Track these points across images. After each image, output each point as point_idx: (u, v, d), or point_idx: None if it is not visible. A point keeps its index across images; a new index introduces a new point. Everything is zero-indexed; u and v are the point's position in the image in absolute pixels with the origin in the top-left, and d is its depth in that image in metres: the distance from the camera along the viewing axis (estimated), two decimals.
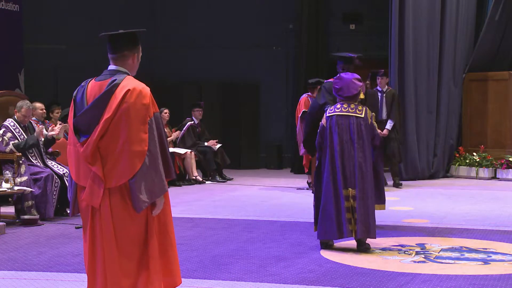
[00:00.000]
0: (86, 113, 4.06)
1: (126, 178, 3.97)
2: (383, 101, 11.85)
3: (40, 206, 8.53)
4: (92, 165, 4.01)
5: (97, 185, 4.03)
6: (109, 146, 4.00)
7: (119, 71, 4.15)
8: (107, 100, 4.00)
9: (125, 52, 4.17)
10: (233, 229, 8.08)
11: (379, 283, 5.64)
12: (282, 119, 15.80)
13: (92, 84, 4.15)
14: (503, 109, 13.44)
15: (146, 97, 4.02)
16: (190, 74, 15.88)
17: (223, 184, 12.81)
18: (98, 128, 3.99)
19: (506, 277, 5.84)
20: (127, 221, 4.05)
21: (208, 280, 5.76)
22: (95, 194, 4.04)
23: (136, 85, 4.04)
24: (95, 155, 4.01)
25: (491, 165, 12.98)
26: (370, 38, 15.27)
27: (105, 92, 4.03)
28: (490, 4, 13.46)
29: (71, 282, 5.71)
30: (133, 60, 4.20)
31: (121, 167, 3.97)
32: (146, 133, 3.99)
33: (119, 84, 4.03)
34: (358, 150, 6.70)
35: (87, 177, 4.06)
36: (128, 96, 3.98)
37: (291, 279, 5.79)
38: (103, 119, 3.98)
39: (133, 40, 4.21)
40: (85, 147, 4.03)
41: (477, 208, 9.56)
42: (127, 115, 3.97)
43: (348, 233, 6.68)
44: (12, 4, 13.51)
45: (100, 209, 4.05)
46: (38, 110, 9.91)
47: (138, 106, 3.99)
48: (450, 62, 13.45)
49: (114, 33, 4.18)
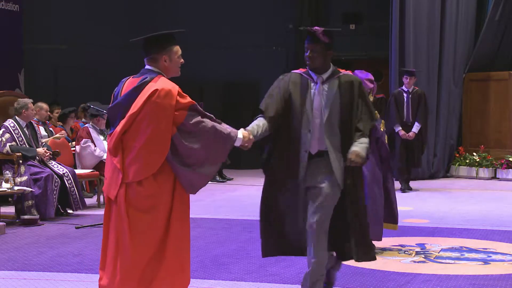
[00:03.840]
0: (115, 107, 4.19)
1: (143, 175, 4.06)
2: (409, 102, 11.21)
3: (40, 206, 8.52)
4: (114, 157, 4.11)
5: (115, 177, 4.12)
6: (132, 141, 4.09)
7: (151, 71, 4.24)
8: (135, 96, 4.10)
9: (153, 54, 4.27)
10: (233, 229, 8.08)
11: (379, 283, 5.64)
12: None
13: (130, 81, 4.26)
14: (503, 109, 13.44)
15: (174, 97, 4.07)
16: (190, 75, 15.80)
17: (223, 184, 12.81)
18: (123, 123, 4.08)
19: (506, 277, 5.84)
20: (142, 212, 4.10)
21: (208, 280, 5.76)
22: (113, 186, 4.13)
23: (165, 86, 4.11)
24: (118, 148, 4.11)
25: (491, 165, 12.98)
26: (370, 38, 15.26)
27: (134, 88, 4.13)
28: (490, 4, 13.46)
29: (71, 282, 5.71)
30: (164, 61, 4.26)
31: (139, 164, 4.06)
32: (169, 133, 4.05)
33: (148, 83, 4.13)
34: None
35: (109, 168, 4.18)
36: (155, 95, 4.05)
37: (291, 279, 5.79)
38: (128, 114, 4.07)
39: (159, 43, 4.28)
40: (110, 139, 4.16)
41: (477, 208, 9.56)
42: (153, 113, 4.04)
43: None
44: (12, 4, 13.51)
45: (117, 201, 4.11)
46: (43, 111, 9.92)
47: (165, 106, 4.05)
48: (450, 62, 13.45)
49: (143, 38, 4.30)
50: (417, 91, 11.32)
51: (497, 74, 13.59)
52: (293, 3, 15.53)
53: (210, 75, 15.77)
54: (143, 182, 4.08)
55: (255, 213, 9.30)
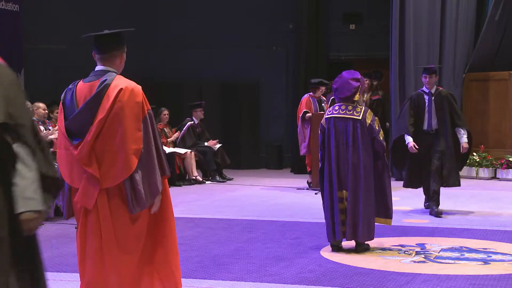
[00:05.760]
0: (78, 115, 4.05)
1: (123, 177, 3.97)
2: (431, 106, 8.81)
3: None
4: (88, 167, 4.00)
5: (92, 186, 4.02)
6: (104, 146, 3.99)
7: (108, 71, 4.14)
8: (100, 100, 4.00)
9: (114, 52, 4.17)
10: (233, 229, 8.08)
11: (379, 283, 5.64)
12: (282, 119, 15.81)
13: (81, 86, 4.14)
14: (503, 109, 13.44)
15: (139, 95, 4.03)
16: (190, 74, 15.87)
17: (223, 184, 12.81)
18: (93, 129, 3.97)
19: (506, 277, 5.84)
20: (127, 220, 4.05)
21: (208, 280, 5.76)
22: (89, 195, 4.03)
23: (128, 84, 4.04)
24: (91, 157, 4.00)
25: (491, 165, 12.98)
26: (370, 38, 15.26)
27: (96, 93, 4.02)
28: (490, 4, 13.46)
29: (71, 282, 5.71)
30: (120, 60, 4.21)
31: (118, 166, 3.97)
32: (140, 131, 3.99)
33: (110, 84, 4.03)
34: (353, 153, 6.63)
35: (81, 179, 4.05)
36: (121, 95, 3.98)
37: (291, 279, 5.79)
38: (97, 120, 3.97)
39: (121, 40, 4.22)
40: (79, 150, 4.01)
41: (477, 208, 9.56)
42: (121, 114, 3.97)
43: (340, 235, 6.67)
44: (12, 4, 13.51)
45: (99, 210, 4.04)
46: (40, 110, 9.90)
47: (132, 105, 3.99)
48: (450, 62, 13.45)
49: (102, 34, 4.18)
50: (442, 92, 8.95)
51: (497, 74, 13.58)
52: (293, 3, 15.53)
53: (210, 75, 15.77)
54: (122, 188, 4.01)
55: (255, 213, 9.35)
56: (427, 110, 8.81)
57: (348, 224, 6.62)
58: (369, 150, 6.69)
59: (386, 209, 6.84)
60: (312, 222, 8.28)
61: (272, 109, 15.81)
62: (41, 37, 14.94)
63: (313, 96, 11.68)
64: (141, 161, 3.98)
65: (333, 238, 6.70)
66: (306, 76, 14.57)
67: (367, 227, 6.65)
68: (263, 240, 7.39)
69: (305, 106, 11.53)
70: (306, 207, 9.57)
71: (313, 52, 15.20)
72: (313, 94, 11.71)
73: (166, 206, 4.19)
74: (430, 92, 8.88)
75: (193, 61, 15.92)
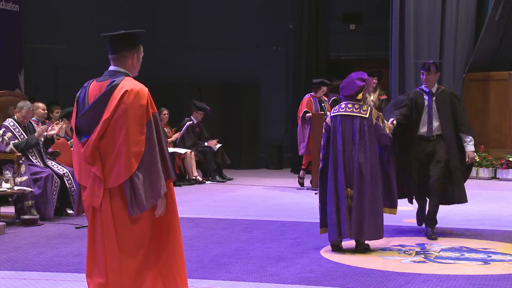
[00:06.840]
0: (86, 114, 4.08)
1: (123, 178, 3.97)
2: (432, 107, 7.44)
3: (40, 206, 8.53)
4: (92, 166, 4.03)
5: (97, 185, 4.05)
6: (108, 146, 4.01)
7: (118, 72, 4.15)
8: (106, 101, 4.01)
9: (124, 52, 4.17)
10: (233, 229, 8.08)
11: (379, 283, 5.64)
12: (282, 119, 15.81)
13: (93, 85, 4.16)
14: (504, 109, 13.44)
15: (144, 98, 4.01)
16: (190, 74, 15.88)
17: (223, 184, 12.81)
18: (97, 129, 4.00)
19: (506, 277, 5.84)
20: (128, 221, 4.05)
21: (208, 280, 5.76)
22: (95, 194, 4.05)
23: (134, 86, 4.03)
24: (95, 156, 4.02)
25: (491, 165, 12.98)
26: (370, 38, 15.27)
27: (104, 93, 4.04)
28: (490, 4, 13.47)
29: (71, 282, 5.71)
30: (132, 60, 4.19)
31: (118, 167, 3.97)
32: (143, 134, 3.99)
33: (117, 85, 4.03)
34: (359, 151, 6.65)
35: (88, 177, 4.08)
36: (126, 97, 3.97)
37: (291, 279, 5.79)
38: (102, 120, 3.99)
39: (132, 41, 4.20)
40: (85, 148, 4.05)
41: (477, 208, 9.56)
42: (125, 116, 3.97)
43: (346, 233, 6.67)
44: (12, 4, 13.52)
45: (102, 209, 4.06)
46: (40, 110, 9.90)
47: (136, 107, 3.98)
48: (450, 62, 13.46)
49: (114, 34, 4.18)
50: (444, 92, 7.63)
51: (497, 74, 13.59)
52: (293, 3, 15.53)
53: (210, 75, 15.78)
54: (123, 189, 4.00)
55: (255, 213, 9.35)
56: (426, 112, 7.44)
57: (353, 221, 6.62)
58: (376, 148, 6.74)
59: (391, 199, 6.98)
60: (312, 222, 8.27)
61: (272, 109, 15.82)
62: (41, 37, 14.95)
63: (315, 96, 11.69)
64: (142, 163, 3.98)
65: (338, 236, 6.69)
66: (306, 76, 14.58)
67: (374, 226, 6.66)
68: (263, 240, 7.39)
69: (306, 106, 11.54)
70: (306, 207, 9.57)
71: (313, 52, 15.21)
72: (314, 94, 11.71)
73: (171, 210, 4.18)
74: (430, 91, 7.52)
75: (194, 61, 15.92)
